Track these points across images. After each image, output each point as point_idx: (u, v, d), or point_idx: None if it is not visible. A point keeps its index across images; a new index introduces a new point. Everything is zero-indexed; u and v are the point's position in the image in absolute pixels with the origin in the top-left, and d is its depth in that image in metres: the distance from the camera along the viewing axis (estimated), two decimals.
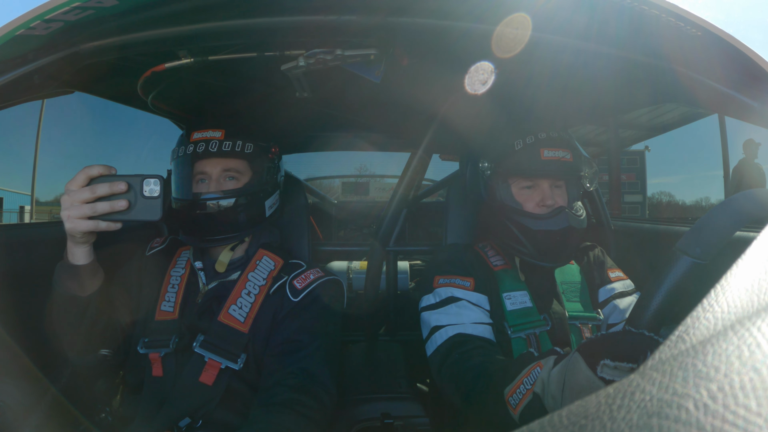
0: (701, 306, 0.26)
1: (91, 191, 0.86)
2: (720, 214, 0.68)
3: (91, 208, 0.86)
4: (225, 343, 1.05)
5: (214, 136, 1.12)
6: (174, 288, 1.14)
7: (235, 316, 1.07)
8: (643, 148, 9.73)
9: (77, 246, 0.93)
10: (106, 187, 0.87)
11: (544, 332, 1.12)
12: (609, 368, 0.57)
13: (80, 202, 0.86)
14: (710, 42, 0.78)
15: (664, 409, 0.18)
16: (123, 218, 0.89)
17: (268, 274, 1.15)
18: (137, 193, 0.88)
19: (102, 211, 0.87)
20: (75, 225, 0.87)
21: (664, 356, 0.23)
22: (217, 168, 1.13)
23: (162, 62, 1.10)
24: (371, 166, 3.79)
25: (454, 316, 1.10)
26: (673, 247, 0.69)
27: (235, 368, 1.03)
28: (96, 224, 0.88)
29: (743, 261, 0.29)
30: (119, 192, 0.88)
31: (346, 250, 2.21)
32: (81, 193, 0.86)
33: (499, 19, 0.84)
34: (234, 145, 1.12)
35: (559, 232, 1.11)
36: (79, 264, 0.94)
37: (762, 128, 0.82)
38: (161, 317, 1.10)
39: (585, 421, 0.20)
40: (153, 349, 1.07)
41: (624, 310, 1.17)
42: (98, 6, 0.73)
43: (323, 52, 1.02)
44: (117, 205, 0.87)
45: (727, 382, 0.18)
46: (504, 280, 1.20)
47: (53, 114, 3.98)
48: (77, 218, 0.87)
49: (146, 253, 1.23)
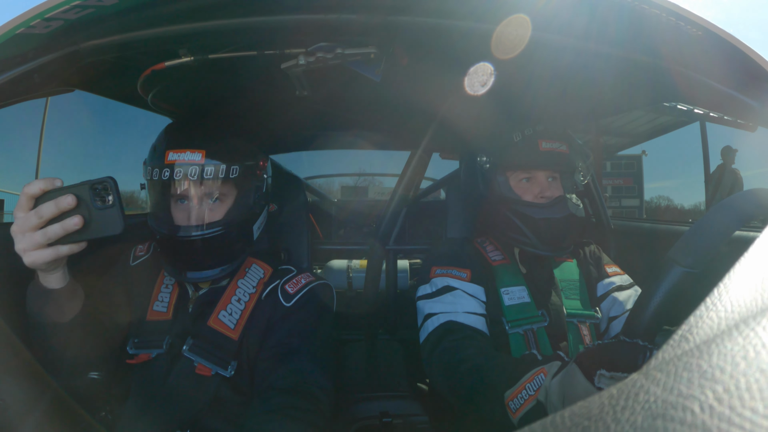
0: (704, 305, 0.26)
1: (37, 215, 0.74)
2: (710, 221, 0.68)
3: (43, 234, 0.74)
4: (215, 349, 1.01)
5: (194, 160, 0.97)
6: (168, 288, 1.10)
7: (225, 322, 1.03)
8: (640, 152, 9.74)
9: (48, 274, 0.83)
10: (52, 206, 0.74)
11: (542, 328, 1.12)
12: (605, 378, 0.58)
13: (30, 230, 0.74)
14: (710, 42, 0.78)
15: (668, 411, 0.18)
16: (81, 238, 0.77)
17: (257, 282, 1.12)
18: (89, 205, 0.75)
19: (55, 235, 0.74)
20: (34, 258, 0.76)
21: (667, 356, 0.23)
22: (198, 192, 1.01)
23: (162, 60, 1.10)
24: (371, 168, 3.78)
25: (449, 305, 1.11)
26: (665, 256, 0.69)
27: (226, 375, 0.99)
28: (56, 251, 0.76)
29: (746, 259, 0.29)
30: (68, 208, 0.74)
31: (346, 249, 2.21)
32: (27, 219, 0.74)
33: (500, 18, 0.84)
34: (217, 171, 0.98)
35: (560, 220, 1.13)
36: (54, 288, 0.84)
37: (737, 134, 0.82)
38: (153, 317, 1.06)
39: (588, 422, 0.20)
40: (144, 350, 1.03)
41: (623, 302, 1.18)
42: (98, 4, 0.73)
43: (323, 50, 1.02)
44: (69, 225, 0.74)
45: (732, 384, 0.18)
46: (502, 275, 1.20)
47: (56, 115, 3.97)
48: (33, 250, 0.75)
49: (131, 263, 1.15)
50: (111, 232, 0.77)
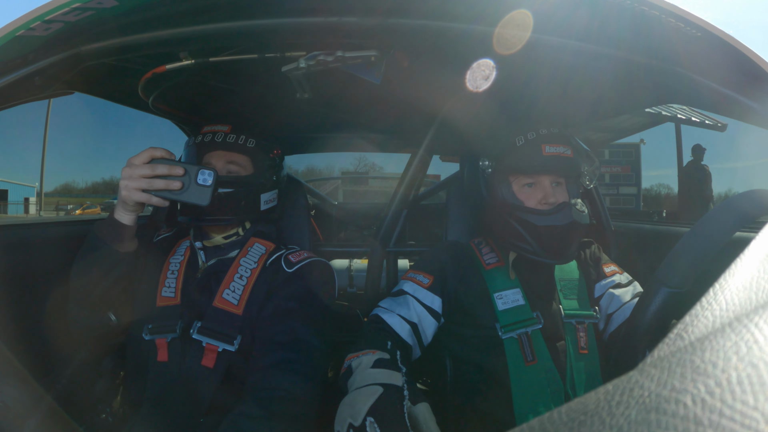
0: (700, 304, 0.26)
1: (151, 168, 0.97)
2: (692, 240, 0.69)
3: (149, 182, 0.97)
4: (220, 326, 1.08)
5: (221, 129, 1.21)
6: (174, 274, 1.18)
7: (229, 300, 1.11)
8: (639, 140, 9.79)
9: (126, 212, 1.02)
10: (165, 168, 0.98)
11: (537, 331, 1.11)
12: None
13: (139, 176, 0.96)
14: (710, 43, 0.78)
15: (662, 405, 0.18)
16: (175, 197, 0.99)
17: (258, 257, 1.20)
18: (191, 179, 0.99)
19: (157, 187, 0.97)
20: (130, 194, 0.97)
21: (663, 353, 0.23)
22: (221, 160, 1.20)
23: (163, 63, 1.10)
24: (371, 169, 3.79)
25: (393, 304, 1.18)
26: (651, 277, 0.70)
27: (231, 350, 1.06)
28: (149, 197, 0.98)
29: (741, 260, 0.29)
30: (176, 174, 0.98)
31: (347, 251, 2.21)
32: (142, 168, 0.97)
33: (499, 19, 0.84)
34: (238, 138, 1.21)
35: (563, 228, 1.10)
36: (125, 224, 1.02)
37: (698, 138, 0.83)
38: (163, 303, 1.13)
39: (584, 417, 0.20)
40: (159, 335, 1.08)
41: (620, 296, 1.16)
42: (98, 7, 0.74)
43: (324, 53, 1.02)
44: (172, 185, 0.98)
45: (724, 378, 0.18)
46: (495, 279, 1.19)
47: (60, 111, 4.01)
48: (134, 189, 0.97)
49: (154, 239, 1.28)
50: (199, 202, 0.99)
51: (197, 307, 1.11)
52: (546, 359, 1.08)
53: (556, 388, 1.06)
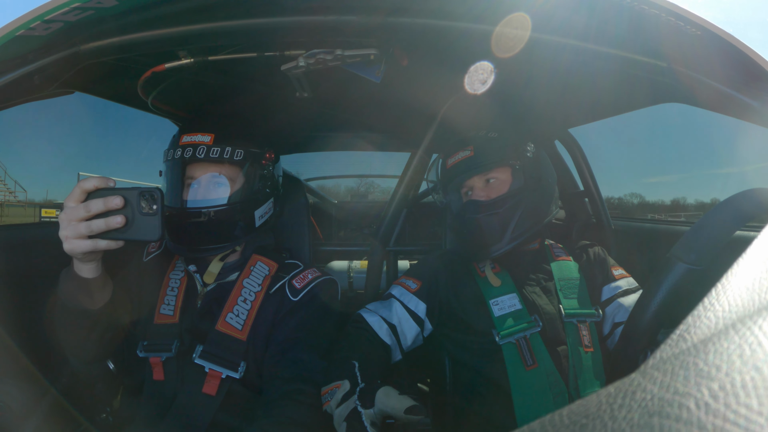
0: (702, 305, 0.26)
1: (86, 208, 0.81)
2: (714, 218, 0.68)
3: (87, 226, 0.81)
4: (224, 352, 1.03)
5: (203, 141, 1.07)
6: (173, 291, 1.11)
7: (233, 324, 1.06)
8: None
9: (84, 264, 0.88)
10: (101, 204, 0.81)
11: (536, 334, 1.11)
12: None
13: (76, 220, 0.81)
14: (710, 41, 0.78)
15: (665, 408, 0.18)
16: (120, 237, 0.83)
17: (263, 279, 1.14)
18: (134, 208, 0.82)
19: (98, 229, 0.81)
20: (73, 246, 0.82)
21: (665, 355, 0.23)
22: (206, 173, 1.08)
23: (162, 62, 1.10)
24: (371, 170, 3.77)
25: (379, 306, 1.22)
26: (667, 254, 0.69)
27: (236, 377, 1.02)
28: (94, 243, 0.82)
29: (744, 260, 0.29)
30: (115, 208, 0.81)
31: (347, 250, 2.21)
32: (77, 210, 0.81)
33: (499, 19, 0.84)
34: (222, 151, 1.07)
35: (474, 221, 1.19)
36: (87, 277, 0.89)
37: None
38: (161, 320, 1.08)
39: (586, 420, 0.20)
40: (153, 353, 1.04)
41: (629, 308, 1.15)
42: (98, 6, 0.73)
43: (323, 52, 1.02)
44: (112, 223, 0.81)
45: (728, 381, 0.18)
46: (489, 287, 1.19)
47: (54, 113, 3.99)
48: (74, 238, 0.82)
49: (144, 259, 1.19)
50: (148, 238, 0.83)
51: (198, 330, 1.06)
52: (547, 362, 1.08)
53: (559, 391, 1.05)
